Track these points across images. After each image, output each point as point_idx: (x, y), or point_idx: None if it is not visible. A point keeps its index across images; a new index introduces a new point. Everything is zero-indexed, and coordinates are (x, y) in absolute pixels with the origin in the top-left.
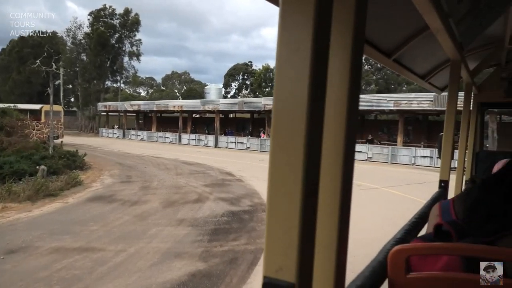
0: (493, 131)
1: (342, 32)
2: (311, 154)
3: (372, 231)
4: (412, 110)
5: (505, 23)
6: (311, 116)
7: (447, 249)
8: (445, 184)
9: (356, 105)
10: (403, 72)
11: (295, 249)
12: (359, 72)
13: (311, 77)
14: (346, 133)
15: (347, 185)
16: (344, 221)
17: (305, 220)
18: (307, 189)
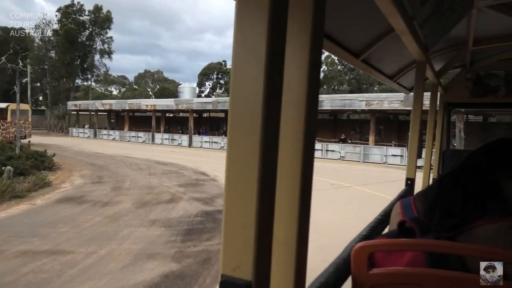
0: (460, 130)
1: (300, 31)
2: (267, 153)
3: (344, 226)
4: (383, 110)
5: (468, 25)
6: (267, 115)
7: (408, 245)
8: (411, 182)
9: (315, 104)
10: (372, 73)
11: (252, 247)
12: (318, 71)
13: (267, 76)
14: (305, 132)
15: (307, 184)
16: (304, 219)
17: (262, 219)
18: (263, 188)
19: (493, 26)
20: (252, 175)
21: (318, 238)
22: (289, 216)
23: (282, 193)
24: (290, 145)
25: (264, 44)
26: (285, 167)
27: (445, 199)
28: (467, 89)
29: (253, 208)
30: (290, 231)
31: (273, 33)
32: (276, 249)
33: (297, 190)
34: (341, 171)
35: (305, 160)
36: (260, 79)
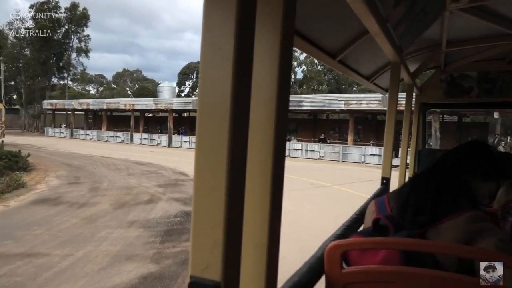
0: (436, 130)
1: (270, 32)
2: (236, 153)
3: (324, 225)
4: (361, 110)
5: (441, 27)
6: (235, 115)
7: (380, 243)
8: (386, 181)
9: (285, 103)
10: (349, 73)
11: (221, 247)
12: (288, 71)
13: (235, 76)
14: (275, 132)
15: (278, 184)
16: (275, 219)
17: (231, 219)
18: (232, 188)
19: (465, 29)
20: (220, 175)
21: (299, 237)
22: (260, 216)
23: (253, 193)
24: (260, 145)
25: (232, 44)
26: (255, 167)
27: (417, 197)
28: (442, 89)
29: (222, 208)
30: (261, 231)
31: (241, 33)
32: (247, 249)
33: (268, 190)
34: (320, 170)
35: (276, 160)
36: (228, 79)
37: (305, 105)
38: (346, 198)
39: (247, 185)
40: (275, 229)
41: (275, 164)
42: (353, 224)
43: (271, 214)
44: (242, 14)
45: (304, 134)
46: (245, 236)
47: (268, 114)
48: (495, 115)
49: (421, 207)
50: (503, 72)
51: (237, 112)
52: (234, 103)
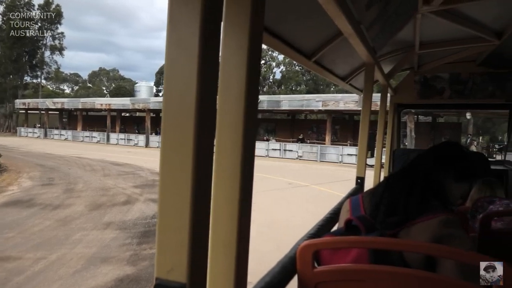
0: (411, 130)
1: (237, 33)
2: (202, 153)
3: (301, 225)
4: (339, 110)
5: (414, 29)
6: (201, 115)
7: (350, 242)
8: (361, 181)
9: (254, 103)
10: (325, 74)
11: (186, 248)
12: (257, 71)
13: (200, 77)
14: (244, 132)
15: (247, 184)
16: (244, 219)
17: (197, 219)
18: (198, 188)
19: (437, 31)
20: (185, 175)
21: (278, 236)
22: (229, 215)
23: (221, 193)
24: (229, 144)
25: (197, 43)
26: (224, 167)
27: (390, 197)
28: (415, 90)
29: (188, 209)
30: (230, 231)
31: (207, 33)
32: (215, 249)
33: (237, 189)
34: (298, 170)
35: (245, 159)
36: (193, 79)
37: (283, 105)
38: (323, 197)
39: (216, 184)
40: (244, 229)
41: (244, 163)
42: (326, 224)
43: (240, 213)
44: (208, 13)
45: (282, 134)
46: (214, 236)
47: (236, 114)
48: (467, 115)
49: (394, 207)
50: (473, 74)
51: (203, 112)
52: (199, 103)
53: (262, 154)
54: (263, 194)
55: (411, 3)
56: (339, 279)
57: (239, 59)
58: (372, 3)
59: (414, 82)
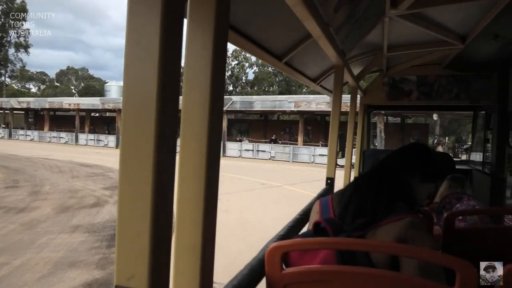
0: (381, 131)
1: (202, 31)
2: (163, 155)
3: (273, 225)
4: (311, 111)
5: (382, 32)
6: (162, 117)
7: (318, 243)
8: (331, 181)
9: (220, 103)
10: (296, 75)
11: (147, 254)
12: (222, 71)
13: (161, 77)
14: (209, 133)
15: (212, 186)
16: (209, 222)
17: (158, 224)
18: (160, 192)
19: (404, 34)
20: (146, 179)
21: (250, 237)
22: (193, 219)
23: (185, 196)
24: (194, 146)
25: (157, 44)
26: (188, 169)
27: (358, 198)
28: (384, 92)
29: (148, 213)
30: (195, 235)
31: (168, 32)
32: (179, 254)
33: (202, 192)
34: (271, 171)
35: (210, 161)
36: (154, 80)
37: (256, 106)
38: (295, 197)
39: (180, 187)
40: (209, 232)
41: (209, 165)
42: (296, 225)
43: (205, 216)
44: (170, 11)
45: (255, 135)
46: (178, 240)
47: (201, 115)
48: (434, 117)
49: (362, 208)
50: (439, 76)
51: (164, 113)
52: (160, 105)
53: (235, 154)
54: (235, 195)
55: (379, 7)
56: (307, 281)
57: (203, 59)
58: (340, 5)
59: (383, 84)
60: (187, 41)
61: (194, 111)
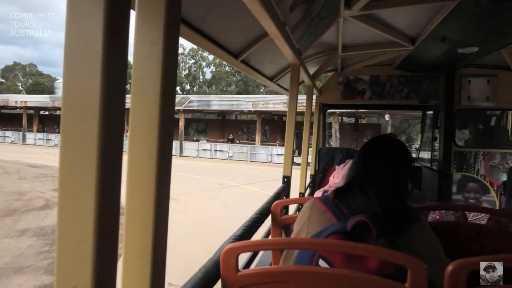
0: (336, 130)
1: (151, 25)
2: (108, 157)
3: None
4: (268, 111)
5: (337, 33)
6: (106, 116)
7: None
8: (287, 180)
9: (171, 102)
10: (252, 74)
11: (90, 264)
12: (173, 68)
13: (105, 73)
14: (160, 133)
15: (163, 187)
16: (161, 224)
17: (103, 229)
18: (104, 193)
19: (358, 35)
20: (88, 181)
21: (208, 238)
22: (143, 222)
23: (135, 198)
24: (144, 146)
25: (101, 38)
26: (137, 170)
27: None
28: (339, 91)
29: (91, 218)
30: (145, 238)
31: (113, 26)
32: (128, 260)
33: (152, 193)
34: (229, 170)
35: (161, 161)
36: (97, 76)
37: (214, 105)
38: (253, 196)
39: (129, 189)
40: (161, 233)
41: (160, 165)
42: (252, 225)
43: (156, 217)
44: (114, 1)
45: (213, 134)
46: (127, 244)
47: (152, 114)
48: (386, 117)
49: (397, 212)
50: (391, 77)
51: (109, 112)
52: (104, 103)
53: (192, 154)
54: (193, 195)
55: (333, 7)
56: (262, 282)
57: (153, 55)
58: (296, 5)
59: (337, 83)
60: (135, 36)
61: (144, 109)
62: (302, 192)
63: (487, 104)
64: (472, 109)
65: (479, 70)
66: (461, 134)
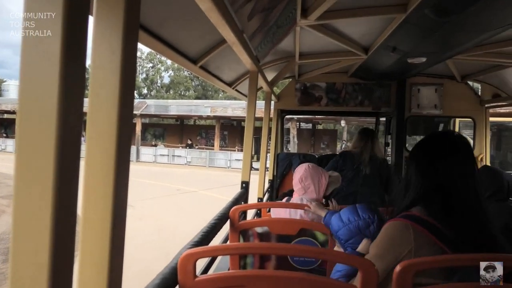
0: (294, 136)
1: (109, 33)
2: (65, 163)
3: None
4: (227, 116)
5: (294, 41)
6: (63, 120)
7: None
8: (246, 185)
9: (129, 108)
10: (211, 79)
11: (46, 274)
12: (132, 73)
13: (62, 80)
14: (118, 138)
15: (121, 193)
16: (118, 232)
17: (60, 238)
18: (61, 202)
19: (314, 43)
20: (44, 189)
21: (165, 245)
22: (100, 230)
23: (91, 205)
24: (101, 153)
25: (59, 42)
26: (94, 176)
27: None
28: (296, 97)
29: (47, 227)
30: (102, 247)
31: (72, 31)
32: (84, 269)
33: (110, 200)
34: (187, 176)
35: (119, 167)
36: (55, 82)
37: (172, 110)
38: (212, 202)
39: (86, 196)
40: (118, 240)
41: (117, 172)
42: (210, 231)
43: (113, 224)
44: (73, 6)
45: (171, 139)
46: (83, 253)
47: (109, 119)
48: (342, 123)
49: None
50: (346, 84)
51: (67, 118)
52: (62, 109)
53: (149, 160)
54: (150, 201)
55: (290, 16)
56: (220, 286)
57: (112, 61)
58: (254, 13)
59: (295, 89)
60: (93, 41)
61: (102, 116)
62: (260, 197)
63: (435, 112)
64: (421, 116)
65: (427, 79)
66: (412, 140)
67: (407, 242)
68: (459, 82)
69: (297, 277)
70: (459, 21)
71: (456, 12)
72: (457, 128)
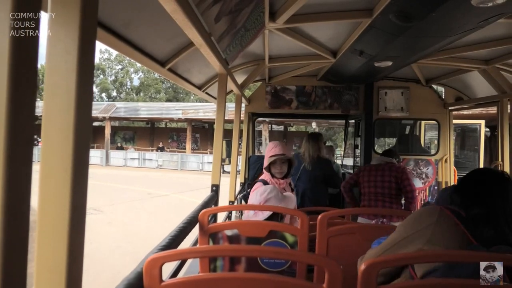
0: (266, 138)
1: (65, 32)
2: (15, 166)
3: (162, 234)
4: (199, 119)
5: (263, 44)
6: (12, 122)
7: (200, 252)
8: (216, 188)
9: (88, 110)
10: (180, 82)
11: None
12: (90, 77)
13: (11, 77)
14: (75, 141)
15: (79, 198)
16: (77, 239)
17: (10, 246)
18: (11, 208)
19: (283, 47)
20: None
21: (135, 250)
22: (56, 236)
23: (47, 211)
24: (57, 156)
25: (7, 39)
26: (50, 180)
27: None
28: (267, 100)
29: None
30: (59, 254)
31: (22, 27)
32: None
33: (67, 205)
34: (158, 179)
35: (77, 171)
36: (3, 82)
37: (142, 113)
38: (184, 206)
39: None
40: (77, 247)
41: (75, 176)
42: (179, 234)
43: (71, 230)
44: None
45: (142, 142)
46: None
47: (66, 122)
48: (313, 125)
49: None
50: (316, 87)
51: (16, 120)
52: (11, 110)
53: (119, 163)
54: (120, 206)
55: (258, 19)
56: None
57: (67, 63)
58: (221, 16)
59: (265, 92)
60: (48, 39)
61: (58, 117)
62: (232, 200)
63: (401, 114)
64: (389, 119)
65: (394, 83)
66: (380, 142)
67: (432, 219)
68: (424, 85)
69: (265, 279)
70: (422, 27)
71: (418, 18)
72: (422, 130)
